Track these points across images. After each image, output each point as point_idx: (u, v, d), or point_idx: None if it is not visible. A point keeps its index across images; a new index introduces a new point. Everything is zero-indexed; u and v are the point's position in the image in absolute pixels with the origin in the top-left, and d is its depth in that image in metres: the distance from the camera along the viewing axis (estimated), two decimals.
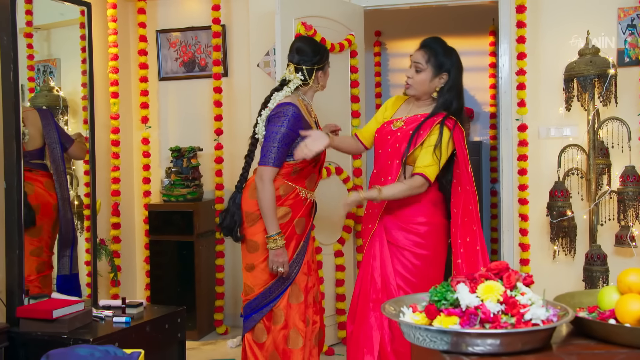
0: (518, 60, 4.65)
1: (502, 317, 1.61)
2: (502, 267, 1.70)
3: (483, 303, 1.62)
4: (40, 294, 3.72)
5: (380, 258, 3.33)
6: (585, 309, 1.91)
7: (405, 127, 3.30)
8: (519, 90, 4.64)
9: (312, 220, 3.51)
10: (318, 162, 3.46)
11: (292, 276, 3.35)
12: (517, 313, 1.61)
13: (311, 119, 3.45)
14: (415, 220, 3.31)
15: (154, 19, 5.35)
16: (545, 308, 1.66)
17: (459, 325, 1.59)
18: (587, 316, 1.84)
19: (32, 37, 4.19)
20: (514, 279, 1.68)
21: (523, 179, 4.65)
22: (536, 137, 4.69)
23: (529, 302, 1.66)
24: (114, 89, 4.89)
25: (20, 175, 3.37)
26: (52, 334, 3.17)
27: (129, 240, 5.24)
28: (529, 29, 4.66)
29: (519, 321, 1.60)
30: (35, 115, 3.93)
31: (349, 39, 4.82)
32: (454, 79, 3.27)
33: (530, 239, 4.68)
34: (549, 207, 4.47)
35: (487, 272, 1.70)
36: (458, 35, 6.48)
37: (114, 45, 4.90)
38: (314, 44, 3.53)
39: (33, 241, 3.94)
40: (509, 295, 1.64)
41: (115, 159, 4.91)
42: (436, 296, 1.65)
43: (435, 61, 3.24)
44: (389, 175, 3.30)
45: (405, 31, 6.70)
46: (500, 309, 1.62)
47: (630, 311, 1.73)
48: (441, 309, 1.64)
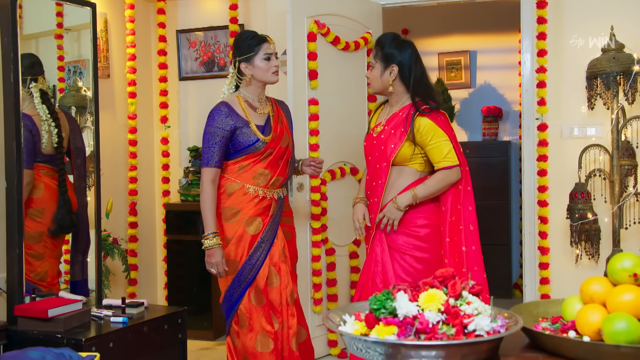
0: (538, 58, 4.50)
1: (443, 328, 1.53)
2: (448, 275, 1.62)
3: (422, 312, 1.54)
4: (47, 293, 3.76)
5: (381, 263, 3.28)
6: (549, 319, 1.80)
7: (386, 128, 3.32)
8: (539, 89, 4.49)
9: (277, 219, 3.41)
10: (268, 158, 3.37)
11: (248, 277, 3.30)
12: (458, 323, 1.52)
13: (249, 113, 3.39)
14: (415, 223, 3.26)
15: (175, 19, 5.36)
16: (492, 318, 1.57)
17: (396, 336, 1.52)
18: (548, 327, 1.74)
19: (62, 38, 4.25)
20: (459, 288, 1.59)
21: (543, 180, 4.50)
22: (558, 136, 4.53)
23: (475, 312, 1.57)
24: (131, 89, 4.91)
25: (20, 175, 3.39)
26: (47, 333, 3.18)
27: (149, 239, 5.26)
28: (551, 26, 4.51)
29: (459, 332, 1.51)
30: (63, 118, 3.96)
31: (365, 37, 4.75)
32: (409, 69, 3.29)
33: (552, 243, 4.53)
34: (569, 210, 4.30)
35: (433, 279, 1.62)
36: (487, 32, 6.35)
37: (132, 46, 4.93)
38: (237, 36, 3.51)
39: (57, 244, 3.99)
40: (451, 305, 1.56)
41: (133, 159, 4.94)
42: (375, 304, 1.58)
43: (381, 55, 3.31)
44: (379, 179, 3.32)
45: (433, 29, 6.58)
46: (440, 318, 1.54)
47: (589, 323, 1.63)
48: (380, 318, 1.57)
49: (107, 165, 4.77)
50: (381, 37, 3.41)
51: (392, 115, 3.35)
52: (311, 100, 4.40)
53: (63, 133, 3.90)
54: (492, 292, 5.92)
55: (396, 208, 3.21)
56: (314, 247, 4.42)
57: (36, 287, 3.73)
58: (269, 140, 3.36)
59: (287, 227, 3.50)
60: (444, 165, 3.22)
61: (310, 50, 4.39)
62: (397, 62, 3.30)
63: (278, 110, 3.52)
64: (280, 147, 3.40)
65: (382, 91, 3.40)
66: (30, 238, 3.79)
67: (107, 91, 4.85)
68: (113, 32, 4.91)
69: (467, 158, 5.96)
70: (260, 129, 3.37)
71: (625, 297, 1.62)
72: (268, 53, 3.40)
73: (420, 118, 3.23)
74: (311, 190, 4.39)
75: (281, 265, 3.35)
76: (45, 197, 3.87)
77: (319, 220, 4.42)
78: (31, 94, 3.84)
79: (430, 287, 1.60)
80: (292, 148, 3.55)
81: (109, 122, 4.85)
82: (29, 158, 3.78)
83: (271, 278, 3.33)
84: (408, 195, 3.20)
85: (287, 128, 3.52)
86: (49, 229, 3.86)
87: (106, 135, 4.79)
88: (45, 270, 3.90)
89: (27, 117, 3.78)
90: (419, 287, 1.60)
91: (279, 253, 3.36)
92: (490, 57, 6.38)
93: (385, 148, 3.26)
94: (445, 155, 3.22)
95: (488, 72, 6.41)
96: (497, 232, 6.08)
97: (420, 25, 6.56)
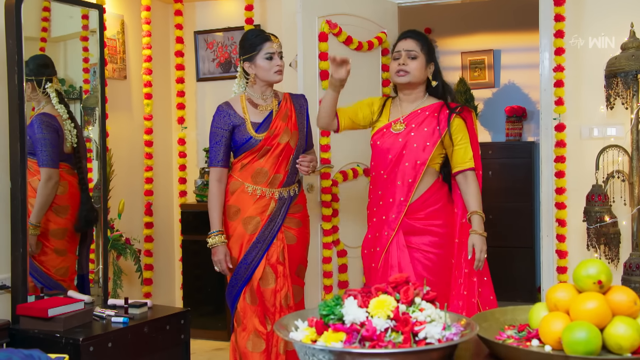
0: (556, 56, 4.39)
1: (392, 335, 1.48)
2: (401, 281, 1.57)
3: (370, 319, 1.49)
4: (56, 292, 3.80)
5: (398, 267, 3.22)
6: (516, 326, 1.74)
7: (413, 126, 3.28)
8: (557, 88, 4.38)
9: (278, 220, 3.38)
10: (266, 155, 3.37)
11: (244, 276, 3.32)
12: (408, 331, 1.48)
13: (249, 111, 3.42)
14: (435, 223, 3.27)
15: (193, 21, 5.38)
16: (447, 326, 1.52)
17: (343, 343, 1.48)
18: (514, 335, 1.68)
19: (87, 40, 4.31)
20: (412, 294, 1.54)
21: (560, 181, 4.38)
22: (578, 137, 4.41)
23: (428, 319, 1.52)
24: (147, 90, 4.94)
25: (24, 176, 3.43)
26: (47, 332, 3.21)
27: (167, 240, 5.29)
28: (570, 23, 4.39)
29: (407, 340, 1.46)
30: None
31: (380, 36, 4.69)
32: (437, 69, 3.37)
33: (571, 246, 4.41)
34: (585, 213, 4.18)
35: (386, 285, 1.57)
36: (512, 30, 6.23)
37: (148, 47, 4.96)
38: (242, 35, 3.53)
39: (76, 240, 4.05)
40: (401, 312, 1.51)
41: (149, 159, 4.96)
42: (324, 310, 1.54)
43: (427, 50, 3.31)
44: (408, 178, 3.25)
45: (456, 28, 6.49)
46: (389, 325, 1.49)
47: (551, 331, 1.57)
48: (329, 324, 1.53)
49: (124, 166, 4.82)
50: (420, 33, 3.40)
51: (411, 112, 3.32)
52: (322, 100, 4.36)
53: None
54: (516, 296, 5.89)
55: (484, 235, 3.21)
56: (324, 249, 4.38)
57: (45, 285, 3.80)
58: (263, 137, 3.35)
59: (292, 231, 3.43)
60: (468, 167, 3.25)
61: (322, 50, 4.35)
62: (434, 60, 3.38)
63: (287, 106, 3.47)
64: (279, 144, 3.36)
65: (418, 83, 3.35)
66: (55, 234, 3.90)
67: (124, 92, 4.89)
68: (130, 34, 4.94)
69: (490, 159, 5.96)
70: (255, 126, 3.38)
71: (588, 305, 1.55)
72: (270, 52, 3.39)
73: (456, 118, 3.26)
74: (322, 192, 4.35)
75: (278, 266, 3.32)
76: (69, 195, 3.97)
77: (330, 222, 4.38)
78: (48, 94, 3.90)
79: (383, 293, 1.55)
80: (299, 145, 3.47)
81: (126, 123, 4.89)
82: (56, 157, 3.89)
83: (266, 278, 3.31)
84: (479, 219, 3.21)
85: (294, 124, 3.45)
86: (74, 225, 3.97)
87: (123, 136, 4.84)
88: (66, 266, 3.98)
89: (52, 117, 3.88)
90: (371, 292, 1.56)
91: (277, 254, 3.33)
92: (514, 56, 6.25)
93: (418, 146, 3.23)
94: (470, 157, 3.27)
95: (512, 71, 6.30)
96: (520, 235, 5.97)
97: (443, 24, 6.48)
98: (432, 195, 3.25)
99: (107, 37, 4.66)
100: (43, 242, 3.87)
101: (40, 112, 3.86)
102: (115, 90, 4.78)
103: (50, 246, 3.90)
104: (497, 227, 6.06)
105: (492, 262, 5.92)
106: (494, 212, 6.06)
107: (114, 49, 4.78)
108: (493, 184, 6.04)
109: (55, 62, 4.01)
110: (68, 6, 3.95)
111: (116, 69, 4.81)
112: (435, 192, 3.26)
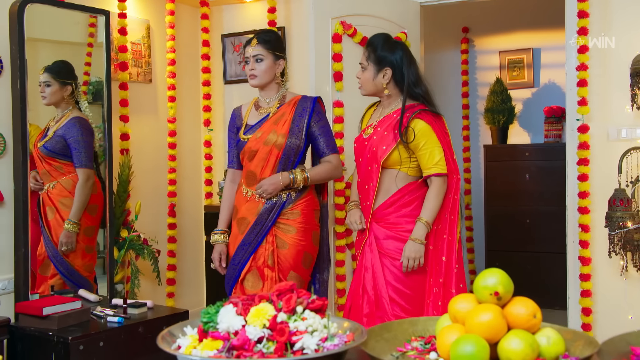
0: (579, 55, 4.20)
1: (267, 345, 1.43)
2: (285, 289, 1.52)
3: (244, 327, 1.45)
4: (65, 290, 3.90)
5: (372, 270, 3.19)
6: (425, 337, 1.66)
7: (379, 129, 3.24)
8: (580, 88, 4.19)
9: (266, 223, 3.33)
10: (253, 158, 3.38)
11: (233, 277, 3.37)
12: (282, 341, 1.43)
13: (251, 114, 3.51)
14: (404, 228, 3.16)
15: (220, 24, 5.42)
16: (329, 337, 1.47)
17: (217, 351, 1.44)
18: (418, 347, 1.60)
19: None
20: (294, 302, 1.49)
21: (584, 185, 4.19)
22: (604, 139, 4.21)
23: (309, 329, 1.47)
24: (171, 93, 5.01)
25: (26, 177, 3.53)
26: (41, 330, 3.29)
27: (194, 241, 5.35)
28: (597, 20, 4.20)
29: (279, 350, 1.41)
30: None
31: (399, 37, 4.60)
32: (400, 72, 3.21)
33: (596, 253, 4.22)
34: (607, 218, 3.99)
35: (270, 293, 1.53)
36: (553, 28, 6.00)
37: (172, 51, 5.02)
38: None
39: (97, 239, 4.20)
40: (279, 320, 1.46)
41: (172, 161, 5.03)
42: (205, 317, 1.51)
43: (374, 57, 3.23)
44: (370, 182, 3.23)
45: (494, 26, 6.31)
46: (264, 334, 1.44)
47: (445, 344, 1.49)
48: (208, 332, 1.49)
49: (148, 168, 4.90)
50: (373, 39, 3.32)
51: (384, 117, 3.28)
52: (336, 102, 4.33)
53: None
54: (547, 303, 5.67)
55: (420, 243, 3.08)
56: (337, 252, 4.34)
57: (74, 282, 3.97)
58: (249, 139, 3.38)
59: (284, 237, 3.35)
60: (435, 172, 3.14)
61: (335, 51, 4.32)
62: (389, 64, 3.25)
63: (284, 110, 3.41)
64: (264, 147, 3.34)
65: (376, 93, 3.34)
66: (87, 232, 4.07)
67: (149, 96, 4.98)
68: (156, 38, 5.02)
69: (527, 161, 5.76)
70: (248, 127, 3.42)
71: (481, 318, 1.46)
72: (246, 57, 3.43)
73: (417, 120, 3.15)
74: (335, 194, 4.31)
75: (266, 270, 3.30)
76: (98, 195, 4.13)
77: (343, 225, 4.33)
78: (76, 100, 4.03)
79: (266, 301, 1.51)
80: (288, 148, 3.35)
81: (151, 125, 4.97)
82: (92, 158, 4.08)
83: (252, 281, 3.34)
84: (421, 226, 3.09)
85: (286, 127, 3.36)
86: (100, 224, 4.14)
87: (148, 138, 4.93)
88: (92, 263, 4.09)
89: (86, 121, 4.05)
90: (254, 300, 1.51)
91: (265, 258, 3.31)
92: (555, 55, 6.00)
93: (376, 150, 3.19)
94: (436, 161, 3.14)
95: (553, 70, 6.06)
96: (556, 240, 5.73)
97: (480, 23, 6.31)
98: (399, 199, 3.16)
99: (131, 42, 4.76)
100: (78, 240, 4.00)
101: (75, 116, 4.00)
102: (140, 93, 4.86)
103: (82, 244, 4.02)
104: (533, 232, 5.87)
105: (527, 268, 5.80)
106: (531, 216, 5.87)
107: (138, 53, 4.87)
108: (530, 187, 5.84)
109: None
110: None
111: (141, 72, 4.89)
112: (403, 197, 3.16)
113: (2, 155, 3.66)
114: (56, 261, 3.92)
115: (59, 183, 3.93)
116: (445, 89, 6.35)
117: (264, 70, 3.39)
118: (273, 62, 3.41)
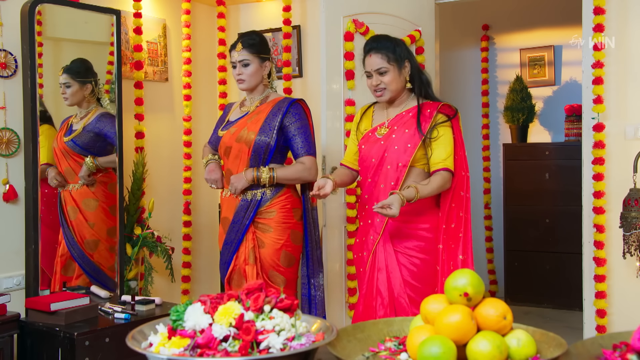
0: (594, 52, 4.12)
1: (232, 343, 1.43)
2: (254, 287, 1.52)
3: (211, 326, 1.46)
4: (78, 286, 3.95)
5: (386, 270, 3.14)
6: (400, 337, 1.65)
7: (395, 128, 3.20)
8: (595, 86, 4.12)
9: (244, 221, 3.35)
10: (228, 154, 3.43)
11: (223, 274, 3.44)
12: (247, 340, 1.43)
13: (235, 111, 3.57)
14: (420, 227, 3.15)
15: (237, 23, 5.44)
16: (297, 336, 1.46)
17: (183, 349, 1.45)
18: (392, 347, 1.59)
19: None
20: (262, 301, 1.49)
21: (599, 185, 4.11)
22: (622, 138, 4.14)
23: (276, 328, 1.46)
24: (186, 92, 5.04)
25: (37, 175, 3.58)
26: (49, 325, 3.33)
27: (211, 238, 5.37)
28: (616, 18, 4.12)
29: (243, 348, 1.41)
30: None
31: (413, 35, 4.58)
32: (413, 62, 3.25)
33: (612, 254, 4.14)
34: (622, 218, 3.92)
35: (240, 291, 1.53)
36: (572, 24, 5.90)
37: (187, 50, 5.05)
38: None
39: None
40: (245, 319, 1.46)
41: (187, 159, 5.06)
42: (174, 315, 1.51)
43: (394, 56, 3.18)
44: (390, 181, 3.16)
45: (514, 24, 6.23)
46: (229, 333, 1.44)
47: (414, 345, 1.48)
48: (177, 330, 1.50)
49: (164, 166, 4.94)
50: (380, 43, 3.26)
51: (396, 115, 3.25)
52: (347, 101, 4.31)
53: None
54: (567, 304, 5.59)
55: (400, 203, 2.92)
56: (349, 251, 4.32)
57: (98, 281, 4.04)
58: (224, 134, 3.44)
59: (262, 236, 3.37)
60: (444, 167, 3.09)
61: (347, 50, 4.30)
62: (407, 57, 3.25)
63: (264, 108, 3.44)
64: (236, 144, 3.38)
65: (399, 92, 3.25)
66: (110, 233, 4.13)
67: (165, 94, 5.01)
68: (172, 37, 5.06)
69: (547, 160, 5.68)
70: (227, 123, 3.50)
71: (450, 319, 1.45)
72: (232, 62, 3.48)
73: (440, 115, 3.15)
74: (346, 193, 4.29)
75: (247, 268, 3.33)
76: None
77: (355, 224, 4.31)
78: (98, 98, 4.07)
79: (234, 300, 1.51)
80: (256, 148, 3.35)
81: (167, 124, 5.01)
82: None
83: (237, 279, 3.38)
84: (410, 190, 2.97)
85: (257, 126, 3.36)
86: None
87: (164, 137, 4.97)
88: (113, 263, 4.13)
89: (113, 116, 4.10)
90: (223, 299, 1.52)
91: (245, 256, 3.35)
92: (577, 52, 5.90)
93: (399, 148, 3.13)
94: (448, 156, 3.11)
95: (574, 67, 5.97)
96: (575, 240, 5.65)
97: (501, 20, 6.24)
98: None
99: (147, 41, 4.80)
100: (100, 240, 4.05)
101: (102, 111, 4.05)
102: (156, 92, 4.90)
103: (106, 244, 4.07)
104: (553, 231, 5.79)
105: (547, 268, 5.72)
106: (550, 216, 5.79)
107: (155, 52, 4.91)
108: (550, 187, 5.76)
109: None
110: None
111: (157, 71, 4.93)
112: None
113: (17, 153, 3.72)
114: (82, 262, 3.97)
115: (84, 185, 3.97)
116: (465, 87, 6.29)
117: (251, 74, 3.43)
118: (259, 65, 3.46)
